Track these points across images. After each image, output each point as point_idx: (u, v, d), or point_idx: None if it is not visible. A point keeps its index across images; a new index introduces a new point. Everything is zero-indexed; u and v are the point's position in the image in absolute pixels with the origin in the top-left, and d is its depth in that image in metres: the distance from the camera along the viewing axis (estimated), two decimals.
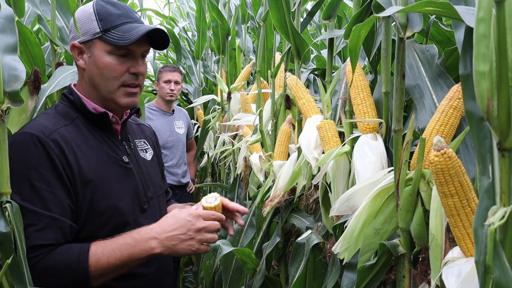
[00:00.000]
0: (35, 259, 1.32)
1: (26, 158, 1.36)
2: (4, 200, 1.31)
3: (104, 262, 1.34)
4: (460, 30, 1.11)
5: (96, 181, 1.43)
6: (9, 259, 1.24)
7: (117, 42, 1.44)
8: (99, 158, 1.47)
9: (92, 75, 1.49)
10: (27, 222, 1.31)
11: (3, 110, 1.38)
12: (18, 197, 1.32)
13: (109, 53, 1.46)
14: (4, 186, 1.32)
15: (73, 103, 1.52)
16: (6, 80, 1.36)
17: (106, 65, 1.46)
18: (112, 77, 1.47)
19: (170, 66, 4.21)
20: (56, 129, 1.43)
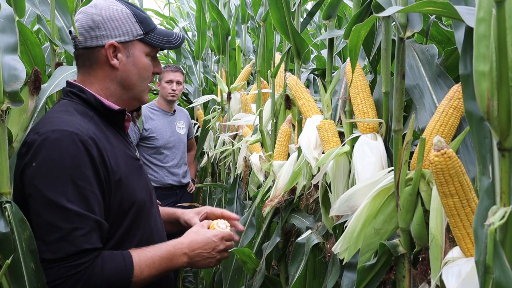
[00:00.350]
0: (83, 266, 1.28)
1: (67, 157, 1.30)
2: (4, 200, 1.31)
3: (146, 273, 1.38)
4: (460, 30, 1.11)
5: (124, 179, 1.43)
6: (9, 259, 1.24)
7: (162, 45, 1.52)
8: (121, 156, 1.47)
9: (129, 75, 1.49)
10: (73, 226, 1.27)
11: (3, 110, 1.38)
12: (63, 198, 1.27)
13: (147, 55, 1.51)
14: (4, 186, 1.32)
15: (86, 101, 1.47)
16: (6, 80, 1.36)
17: (144, 66, 1.51)
18: (147, 77, 1.53)
19: (172, 66, 4.21)
20: (88, 126, 1.40)
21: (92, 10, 1.46)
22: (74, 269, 1.27)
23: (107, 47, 1.45)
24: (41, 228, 1.29)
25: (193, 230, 1.54)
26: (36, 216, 1.30)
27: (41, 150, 1.30)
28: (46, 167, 1.28)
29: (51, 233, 1.27)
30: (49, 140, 1.31)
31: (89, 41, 1.45)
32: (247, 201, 3.38)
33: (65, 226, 1.27)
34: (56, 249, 1.26)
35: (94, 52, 1.46)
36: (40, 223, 1.29)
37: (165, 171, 3.99)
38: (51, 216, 1.27)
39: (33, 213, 1.31)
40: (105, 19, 1.45)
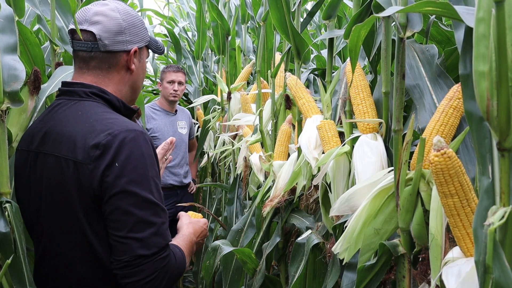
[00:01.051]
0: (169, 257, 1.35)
1: (146, 155, 1.35)
2: (4, 200, 1.31)
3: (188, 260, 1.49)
4: (460, 30, 1.11)
5: None
6: (9, 259, 1.24)
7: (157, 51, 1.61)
8: None
9: (138, 78, 1.55)
10: (162, 220, 1.34)
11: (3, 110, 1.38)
12: (151, 195, 1.32)
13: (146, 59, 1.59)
14: (4, 186, 1.32)
15: (110, 102, 1.47)
16: (6, 80, 1.36)
17: (144, 70, 1.59)
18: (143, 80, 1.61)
19: (174, 67, 4.20)
20: None
21: (117, 15, 1.45)
22: (165, 260, 1.33)
23: (132, 53, 1.48)
24: (134, 226, 1.29)
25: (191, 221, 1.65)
26: (127, 214, 1.30)
27: (122, 150, 1.31)
28: (131, 167, 1.31)
29: (144, 229, 1.30)
30: (127, 140, 1.33)
31: (114, 45, 1.45)
32: (247, 201, 3.38)
33: (157, 221, 1.32)
34: (151, 244, 1.30)
35: (116, 56, 1.47)
36: (132, 221, 1.30)
37: (166, 171, 3.98)
38: (144, 213, 1.30)
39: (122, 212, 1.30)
40: (129, 25, 1.48)
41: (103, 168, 1.30)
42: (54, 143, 1.39)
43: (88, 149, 1.31)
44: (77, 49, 1.45)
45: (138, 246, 1.29)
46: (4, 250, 1.28)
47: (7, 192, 1.34)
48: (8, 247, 1.28)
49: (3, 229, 1.28)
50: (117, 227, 1.30)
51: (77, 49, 1.45)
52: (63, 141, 1.36)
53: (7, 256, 1.27)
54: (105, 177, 1.30)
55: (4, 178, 1.33)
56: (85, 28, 1.43)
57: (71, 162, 1.33)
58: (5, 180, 1.33)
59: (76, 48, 1.45)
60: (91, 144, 1.31)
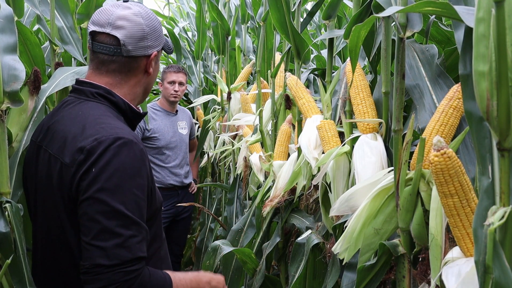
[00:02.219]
0: (135, 272, 1.29)
1: (128, 165, 1.31)
2: (4, 200, 1.31)
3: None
4: (460, 30, 1.11)
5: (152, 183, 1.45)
6: (9, 259, 1.24)
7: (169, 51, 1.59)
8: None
9: (152, 80, 1.55)
10: (131, 233, 1.28)
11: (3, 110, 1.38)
12: (122, 206, 1.28)
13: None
14: (4, 186, 1.32)
15: (116, 104, 1.46)
16: (6, 80, 1.36)
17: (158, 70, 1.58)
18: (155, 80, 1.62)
19: (175, 67, 4.19)
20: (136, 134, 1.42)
21: (140, 20, 1.45)
22: (128, 275, 1.27)
23: (152, 57, 1.48)
24: (98, 234, 1.27)
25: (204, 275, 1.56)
26: (92, 221, 1.27)
27: (102, 157, 1.29)
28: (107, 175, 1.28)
29: (108, 239, 1.26)
30: (111, 148, 1.30)
31: (137, 51, 1.45)
32: (247, 201, 3.38)
33: (124, 233, 1.27)
34: (113, 255, 1.26)
35: (137, 61, 1.46)
36: (96, 228, 1.27)
37: (167, 171, 3.98)
38: (110, 222, 1.26)
39: (88, 218, 1.28)
40: (151, 30, 1.47)
41: (81, 173, 1.29)
42: (51, 140, 1.39)
43: (74, 151, 1.31)
44: (98, 51, 1.44)
45: (99, 255, 1.26)
46: (4, 250, 1.28)
47: (7, 192, 1.34)
48: (8, 247, 1.28)
49: (3, 229, 1.28)
50: (84, 232, 1.28)
51: (98, 51, 1.44)
52: (57, 139, 1.37)
53: (7, 256, 1.27)
54: (81, 181, 1.29)
55: (4, 178, 1.33)
56: (109, 32, 1.41)
57: (59, 161, 1.34)
58: (5, 180, 1.34)
59: (97, 50, 1.44)
60: (77, 147, 1.31)
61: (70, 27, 2.43)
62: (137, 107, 1.59)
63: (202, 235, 4.27)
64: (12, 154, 1.67)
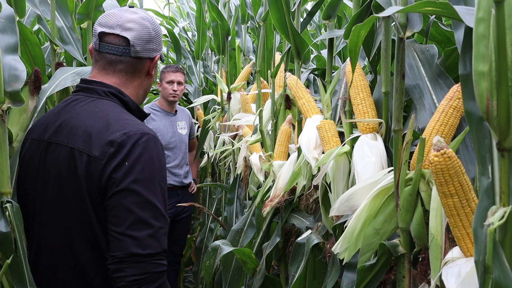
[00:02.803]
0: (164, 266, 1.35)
1: (156, 159, 1.39)
2: (5, 200, 1.31)
3: None
4: (460, 30, 1.11)
5: None
6: (9, 259, 1.24)
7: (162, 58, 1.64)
8: None
9: (151, 83, 1.63)
10: (160, 225, 1.34)
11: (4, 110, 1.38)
12: (154, 198, 1.34)
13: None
14: (4, 186, 1.32)
15: (126, 103, 1.54)
16: (7, 80, 1.36)
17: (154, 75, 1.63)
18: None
19: (173, 67, 4.20)
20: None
21: (147, 24, 1.53)
22: (159, 267, 1.33)
23: (156, 60, 1.58)
24: (132, 224, 1.32)
25: None
26: (128, 212, 1.32)
27: (134, 151, 1.35)
28: (140, 167, 1.34)
29: (142, 229, 1.32)
30: (140, 142, 1.37)
31: (144, 53, 1.52)
32: (247, 201, 3.38)
33: (155, 224, 1.33)
34: (146, 245, 1.31)
35: (142, 62, 1.54)
36: (131, 219, 1.32)
37: (167, 171, 3.98)
38: (144, 213, 1.32)
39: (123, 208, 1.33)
40: (156, 34, 1.56)
41: (114, 165, 1.34)
42: (69, 135, 1.43)
43: (103, 145, 1.36)
44: (105, 51, 1.50)
45: (133, 244, 1.30)
46: (5, 249, 1.28)
47: (8, 192, 1.34)
48: (9, 247, 1.28)
49: (4, 229, 1.28)
50: (117, 222, 1.32)
51: (105, 52, 1.50)
52: (79, 134, 1.41)
53: (7, 256, 1.27)
54: (114, 174, 1.34)
55: (5, 178, 1.33)
56: (118, 33, 1.49)
57: (85, 155, 1.37)
58: (6, 180, 1.34)
59: (104, 50, 1.50)
60: (106, 141, 1.36)
61: (70, 27, 2.43)
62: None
63: (202, 235, 4.28)
64: (12, 154, 1.68)
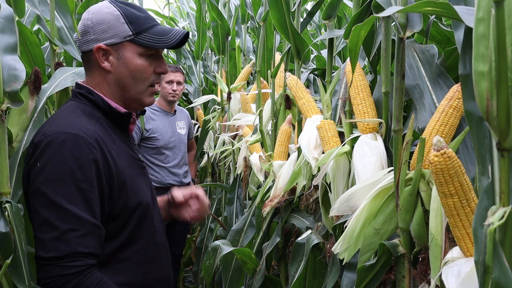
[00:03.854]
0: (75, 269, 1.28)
1: (70, 159, 1.32)
2: (4, 200, 1.31)
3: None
4: (460, 30, 1.11)
5: (128, 180, 1.44)
6: (9, 259, 1.24)
7: (151, 44, 1.47)
8: (126, 158, 1.49)
9: (122, 77, 1.48)
10: (70, 227, 1.28)
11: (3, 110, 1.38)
12: (63, 199, 1.28)
13: (140, 55, 1.47)
14: (4, 186, 1.32)
15: (94, 102, 1.48)
16: (6, 80, 1.36)
17: (138, 67, 1.47)
18: (143, 78, 1.49)
19: (172, 67, 4.20)
20: (94, 128, 1.41)
21: (86, 15, 1.47)
22: (65, 270, 1.27)
23: (95, 51, 1.45)
24: (39, 226, 1.30)
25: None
26: (36, 214, 1.31)
27: (46, 151, 1.31)
28: (49, 168, 1.30)
29: (46, 232, 1.28)
30: (54, 142, 1.33)
31: (83, 46, 1.47)
32: (247, 201, 3.38)
33: (62, 226, 1.27)
34: (50, 247, 1.27)
35: (88, 56, 1.48)
36: (38, 221, 1.30)
37: (166, 171, 3.98)
38: (49, 215, 1.28)
39: (33, 211, 1.32)
40: (94, 23, 1.46)
41: (30, 166, 1.34)
42: None
43: (28, 146, 1.40)
44: None
45: (39, 247, 1.28)
46: (4, 250, 1.28)
47: (7, 192, 1.34)
48: (8, 247, 1.28)
49: (3, 229, 1.28)
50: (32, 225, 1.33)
51: None
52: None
53: (7, 256, 1.27)
54: (30, 175, 1.34)
55: (4, 178, 1.33)
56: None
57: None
58: (5, 180, 1.34)
59: None
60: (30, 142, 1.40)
61: (69, 27, 2.43)
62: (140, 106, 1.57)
63: (202, 235, 4.28)
64: (12, 154, 1.67)
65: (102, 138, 1.40)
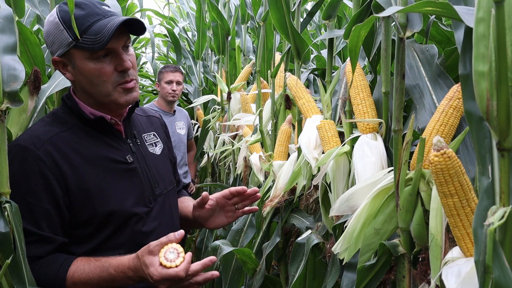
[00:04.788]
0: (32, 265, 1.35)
1: (17, 172, 1.36)
2: (4, 200, 1.30)
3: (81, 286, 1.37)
4: (460, 30, 1.11)
5: (95, 188, 1.42)
6: (9, 259, 1.24)
7: (91, 47, 1.36)
8: (99, 163, 1.45)
9: (82, 84, 1.45)
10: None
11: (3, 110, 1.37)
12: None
13: (89, 59, 1.40)
14: (4, 186, 1.32)
15: (70, 108, 1.49)
16: (6, 80, 1.35)
17: (91, 72, 1.41)
18: (102, 81, 1.42)
19: (171, 67, 4.20)
20: (49, 137, 1.41)
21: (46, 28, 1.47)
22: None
23: (54, 64, 1.45)
24: None
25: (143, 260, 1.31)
26: None
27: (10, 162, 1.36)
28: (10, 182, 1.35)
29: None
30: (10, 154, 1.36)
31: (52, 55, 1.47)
32: None
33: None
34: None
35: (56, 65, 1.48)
36: None
37: None
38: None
39: None
40: (45, 37, 1.46)
41: None
42: None
43: None
44: None
45: None
46: (4, 250, 1.28)
47: (7, 192, 1.34)
48: (8, 247, 1.27)
49: (3, 229, 1.28)
50: None
51: None
52: None
53: (6, 256, 1.26)
54: None
55: (4, 178, 1.33)
56: None
57: None
58: (5, 180, 1.33)
59: None
60: None
61: None
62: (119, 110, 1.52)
63: (202, 235, 4.27)
64: None
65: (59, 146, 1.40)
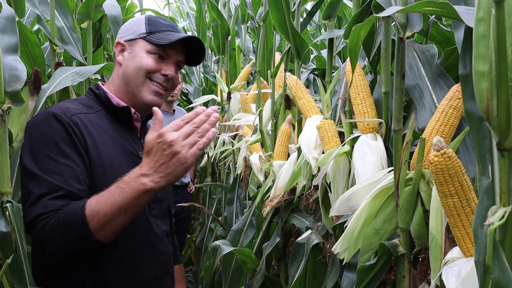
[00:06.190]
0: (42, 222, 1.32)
1: (46, 135, 1.41)
2: (5, 200, 1.31)
3: (100, 210, 1.30)
4: (460, 30, 1.11)
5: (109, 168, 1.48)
6: (9, 259, 1.24)
7: (158, 41, 1.57)
8: (116, 149, 1.54)
9: (127, 68, 1.59)
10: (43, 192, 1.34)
11: (4, 110, 1.38)
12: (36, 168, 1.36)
13: (148, 52, 1.58)
14: (5, 186, 1.33)
15: (98, 96, 1.60)
16: (7, 80, 1.36)
17: (141, 60, 1.57)
18: (143, 70, 1.57)
19: None
20: (77, 112, 1.49)
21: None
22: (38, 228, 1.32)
23: (115, 45, 1.63)
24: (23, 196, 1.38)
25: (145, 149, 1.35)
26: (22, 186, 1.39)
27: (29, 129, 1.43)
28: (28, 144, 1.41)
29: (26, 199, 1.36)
30: (33, 121, 1.45)
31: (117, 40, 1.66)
32: (247, 201, 3.38)
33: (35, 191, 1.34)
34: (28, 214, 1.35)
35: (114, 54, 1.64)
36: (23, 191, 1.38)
37: None
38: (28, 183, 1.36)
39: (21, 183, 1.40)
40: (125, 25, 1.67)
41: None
42: None
43: None
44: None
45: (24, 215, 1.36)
46: (5, 249, 1.28)
47: (8, 192, 1.34)
48: (9, 247, 1.28)
49: (4, 228, 1.29)
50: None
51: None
52: None
53: (7, 256, 1.27)
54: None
55: (5, 178, 1.33)
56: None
57: None
58: (6, 180, 1.34)
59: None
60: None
61: (70, 27, 2.43)
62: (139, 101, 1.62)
63: (202, 235, 4.28)
64: (12, 154, 1.68)
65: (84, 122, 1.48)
